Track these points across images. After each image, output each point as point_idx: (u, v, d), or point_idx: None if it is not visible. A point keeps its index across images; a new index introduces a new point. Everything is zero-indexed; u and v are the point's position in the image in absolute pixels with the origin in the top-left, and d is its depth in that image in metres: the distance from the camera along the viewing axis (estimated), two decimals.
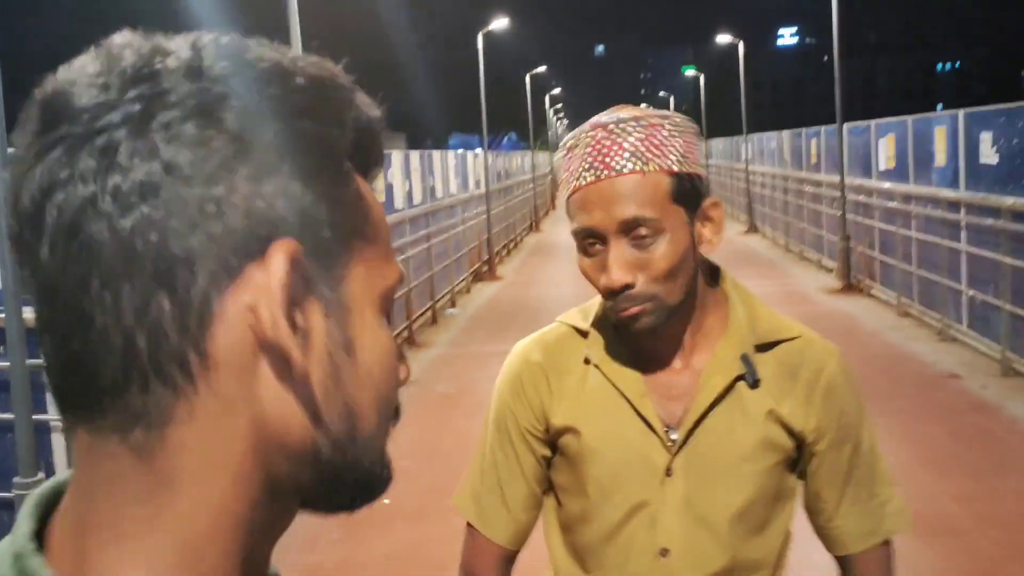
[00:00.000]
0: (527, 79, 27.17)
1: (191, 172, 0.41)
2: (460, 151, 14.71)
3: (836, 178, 11.68)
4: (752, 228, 19.80)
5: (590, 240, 1.14)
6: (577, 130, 1.19)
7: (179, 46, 0.43)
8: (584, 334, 1.25)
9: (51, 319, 0.42)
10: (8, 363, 3.61)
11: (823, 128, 13.41)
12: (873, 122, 10.97)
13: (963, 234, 7.93)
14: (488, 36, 17.09)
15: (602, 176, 1.11)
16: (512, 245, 19.14)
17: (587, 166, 1.13)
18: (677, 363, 1.21)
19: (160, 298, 0.40)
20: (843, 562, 1.27)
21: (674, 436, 1.19)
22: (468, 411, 6.87)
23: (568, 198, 1.16)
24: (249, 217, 0.41)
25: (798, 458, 1.24)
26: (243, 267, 0.41)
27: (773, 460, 1.20)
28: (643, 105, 1.28)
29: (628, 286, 1.11)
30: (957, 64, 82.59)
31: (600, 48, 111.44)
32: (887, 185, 10.13)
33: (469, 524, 1.30)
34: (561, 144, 1.21)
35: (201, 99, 0.41)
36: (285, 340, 0.41)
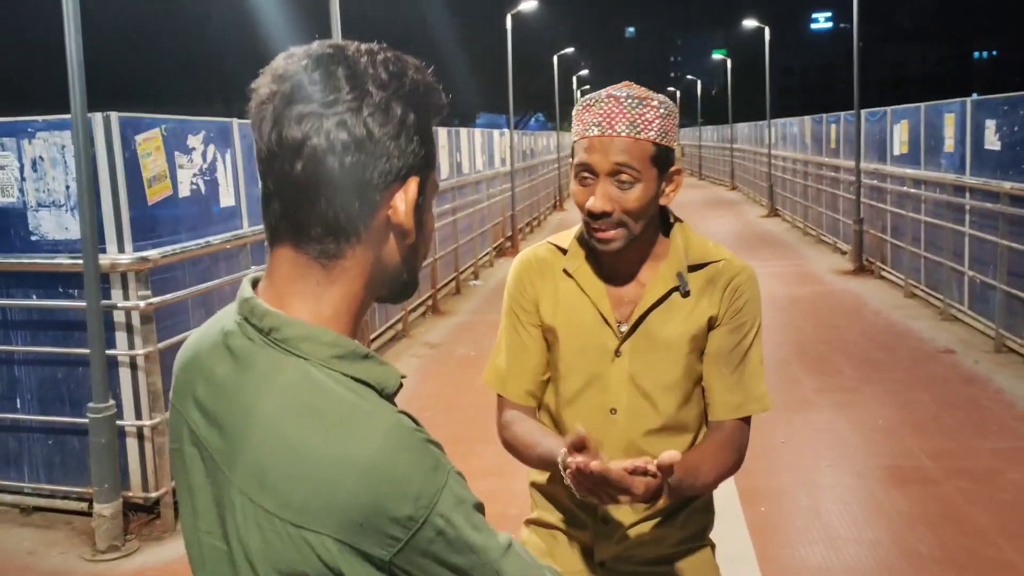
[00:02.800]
0: (555, 60, 27.34)
1: (380, 136, 0.83)
2: (486, 130, 15.01)
3: (853, 163, 11.96)
4: (773, 212, 20.02)
5: (585, 174, 1.55)
6: (595, 94, 1.58)
7: (359, 61, 0.84)
8: (564, 251, 1.68)
9: (287, 199, 0.84)
10: (85, 304, 4.11)
11: (843, 114, 13.60)
12: (889, 108, 11.22)
13: (967, 217, 8.24)
14: (517, 16, 17.33)
15: (606, 133, 1.52)
16: (536, 223, 19.50)
17: (596, 122, 1.53)
18: (630, 279, 1.63)
19: (357, 199, 0.84)
20: (711, 427, 1.63)
21: (623, 328, 1.61)
22: None
23: (577, 140, 1.57)
24: (402, 161, 0.85)
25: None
26: (392, 186, 0.85)
27: (695, 347, 1.61)
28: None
29: (607, 213, 1.53)
30: (994, 52, 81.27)
31: (630, 30, 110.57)
32: (898, 169, 10.41)
33: (499, 395, 1.69)
34: (579, 100, 1.61)
35: (385, 100, 0.84)
36: (409, 225, 0.87)
